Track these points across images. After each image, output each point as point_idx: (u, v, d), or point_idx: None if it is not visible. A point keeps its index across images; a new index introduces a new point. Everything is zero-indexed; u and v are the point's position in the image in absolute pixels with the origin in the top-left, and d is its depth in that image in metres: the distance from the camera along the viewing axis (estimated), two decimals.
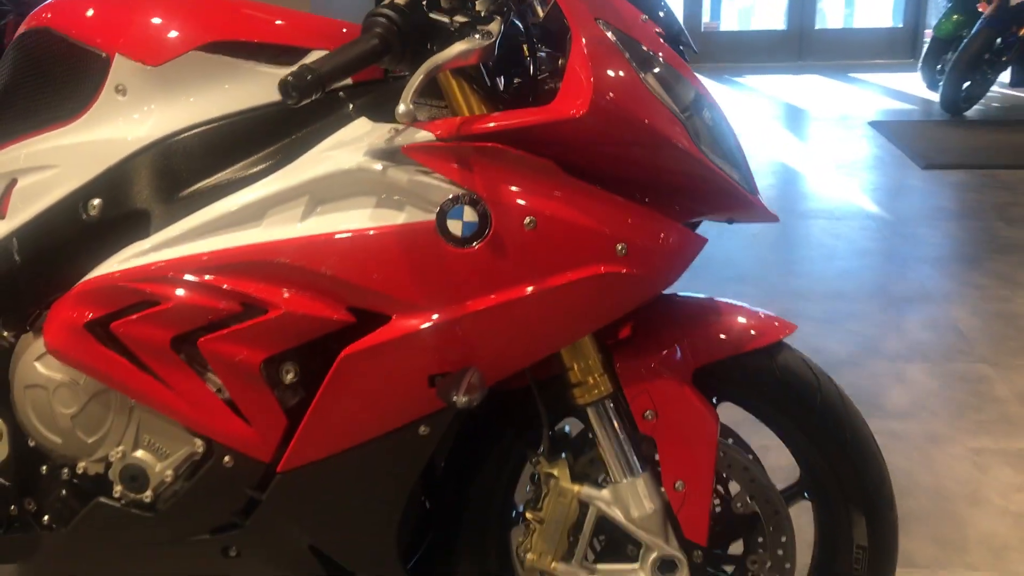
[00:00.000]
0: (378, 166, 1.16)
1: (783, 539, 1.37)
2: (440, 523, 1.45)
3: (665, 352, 1.31)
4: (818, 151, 5.65)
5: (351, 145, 1.20)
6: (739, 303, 1.40)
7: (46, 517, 1.42)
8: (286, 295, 1.19)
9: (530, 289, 1.16)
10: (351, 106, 1.27)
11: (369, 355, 1.19)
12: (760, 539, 1.38)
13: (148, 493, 1.33)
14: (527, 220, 1.14)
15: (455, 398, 1.14)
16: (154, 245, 1.23)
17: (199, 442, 1.30)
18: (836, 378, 1.39)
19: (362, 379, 1.20)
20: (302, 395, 1.27)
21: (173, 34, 1.26)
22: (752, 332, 1.36)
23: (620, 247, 1.16)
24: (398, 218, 1.17)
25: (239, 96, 1.27)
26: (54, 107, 1.32)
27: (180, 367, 1.24)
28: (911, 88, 7.77)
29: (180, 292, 1.21)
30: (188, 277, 1.20)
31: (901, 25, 9.32)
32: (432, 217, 1.15)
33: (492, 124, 1.13)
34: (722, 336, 1.35)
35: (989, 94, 6.92)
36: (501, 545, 1.46)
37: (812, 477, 1.41)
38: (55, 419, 1.34)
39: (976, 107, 6.80)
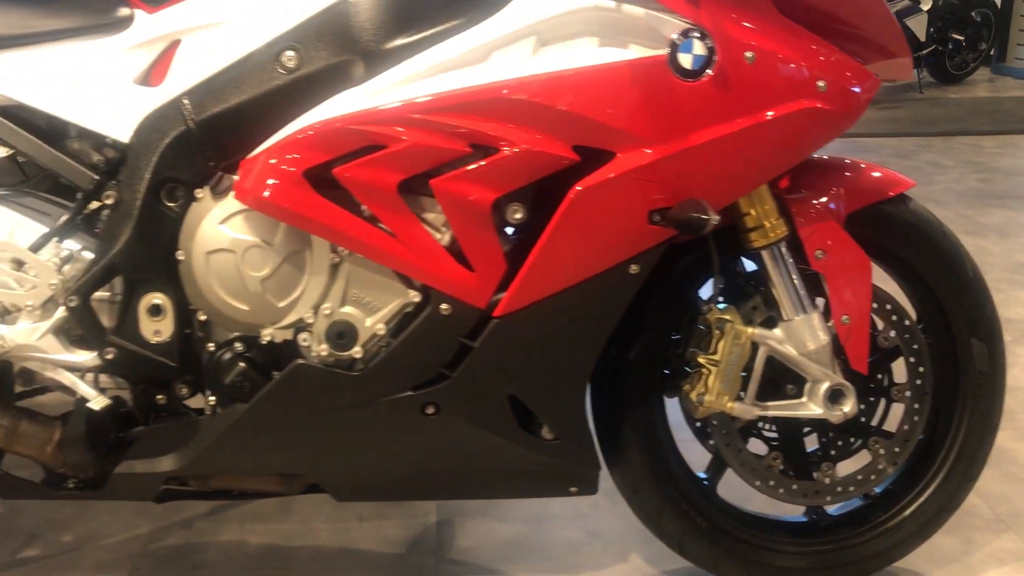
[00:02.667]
0: (610, 3, 1.21)
1: (921, 369, 1.51)
2: (599, 388, 1.49)
3: (825, 199, 1.42)
4: None
5: None
6: (862, 161, 1.53)
7: (212, 398, 1.36)
8: (517, 133, 1.21)
9: (747, 121, 1.24)
10: None
11: (599, 190, 1.23)
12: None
13: (357, 349, 1.30)
14: (748, 54, 1.23)
15: (708, 216, 1.20)
16: (375, 90, 1.22)
17: (413, 292, 1.29)
18: None
19: (588, 215, 1.24)
20: (515, 240, 1.29)
21: None
22: (883, 183, 1.49)
23: (821, 84, 1.27)
24: (627, 54, 1.22)
25: None
26: None
27: (404, 213, 1.24)
28: None
29: (409, 134, 1.20)
30: (416, 118, 1.20)
31: None
32: (662, 52, 1.21)
33: None
34: (862, 186, 1.47)
35: None
36: (659, 401, 1.52)
37: (932, 317, 1.55)
38: (244, 284, 1.29)
39: None
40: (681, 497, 1.51)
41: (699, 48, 1.22)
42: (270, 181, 1.23)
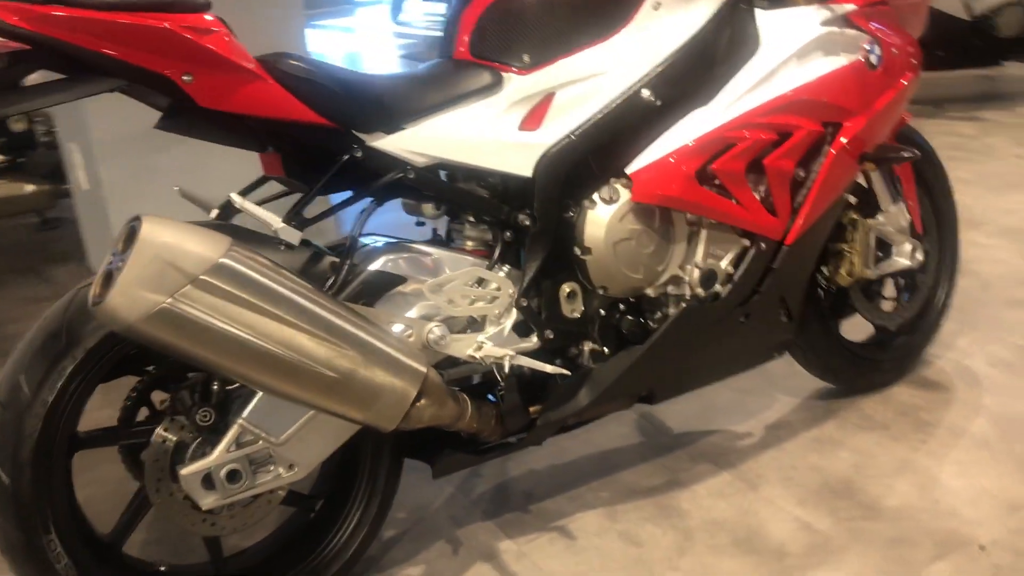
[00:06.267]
0: (836, 29, 1.92)
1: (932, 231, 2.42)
2: None
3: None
4: None
5: (798, 22, 1.90)
6: None
7: (606, 349, 1.85)
8: (801, 121, 1.88)
9: (897, 88, 2.04)
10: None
11: (842, 148, 1.94)
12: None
13: (718, 286, 1.89)
14: (894, 50, 2.01)
15: (911, 152, 1.98)
16: (718, 109, 1.80)
17: (745, 239, 1.90)
18: None
19: (837, 165, 1.95)
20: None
21: None
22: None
23: (914, 61, 2.08)
24: (842, 60, 1.93)
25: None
26: (590, 28, 1.75)
27: (744, 186, 1.84)
28: None
29: (749, 133, 1.81)
30: (749, 122, 1.82)
31: None
32: (859, 57, 1.94)
33: None
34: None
35: None
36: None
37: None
38: (639, 259, 1.81)
39: None
40: (838, 342, 2.29)
41: (878, 51, 1.96)
42: (669, 181, 1.76)
